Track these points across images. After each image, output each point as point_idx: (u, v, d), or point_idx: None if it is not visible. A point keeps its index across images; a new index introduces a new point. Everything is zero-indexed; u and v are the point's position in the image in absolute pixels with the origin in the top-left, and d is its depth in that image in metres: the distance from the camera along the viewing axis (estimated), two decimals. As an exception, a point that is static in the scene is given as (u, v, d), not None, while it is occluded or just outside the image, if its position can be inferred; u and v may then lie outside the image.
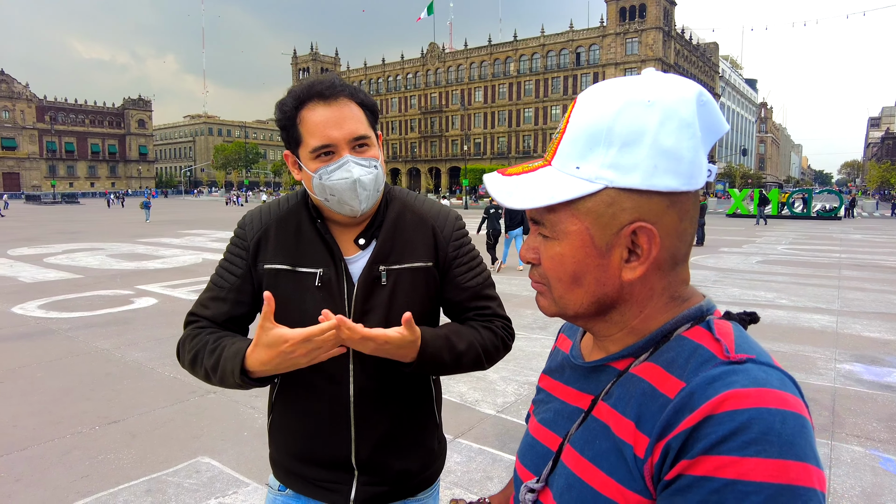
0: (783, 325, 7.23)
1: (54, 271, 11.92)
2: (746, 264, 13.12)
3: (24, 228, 25.09)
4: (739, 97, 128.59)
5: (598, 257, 0.66)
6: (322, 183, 1.21)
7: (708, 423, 0.56)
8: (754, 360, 0.60)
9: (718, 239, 19.40)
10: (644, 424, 0.62)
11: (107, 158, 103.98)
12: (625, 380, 0.68)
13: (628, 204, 0.64)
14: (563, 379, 0.80)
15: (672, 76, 0.66)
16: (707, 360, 0.61)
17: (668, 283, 0.69)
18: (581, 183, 0.65)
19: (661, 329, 0.68)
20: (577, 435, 0.71)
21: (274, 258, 1.29)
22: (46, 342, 6.48)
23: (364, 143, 1.24)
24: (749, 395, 0.56)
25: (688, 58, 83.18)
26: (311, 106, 1.20)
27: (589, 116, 0.65)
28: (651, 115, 0.62)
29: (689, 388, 0.59)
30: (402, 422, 1.33)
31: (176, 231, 23.17)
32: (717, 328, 0.65)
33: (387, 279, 1.28)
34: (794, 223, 28.85)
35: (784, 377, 0.60)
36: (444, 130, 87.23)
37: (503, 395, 4.80)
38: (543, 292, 0.73)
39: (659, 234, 0.64)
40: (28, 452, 3.78)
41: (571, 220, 0.66)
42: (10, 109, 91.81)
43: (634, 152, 0.63)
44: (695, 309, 0.69)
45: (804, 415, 0.57)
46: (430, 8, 78.72)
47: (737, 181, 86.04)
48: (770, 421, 0.54)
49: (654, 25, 69.84)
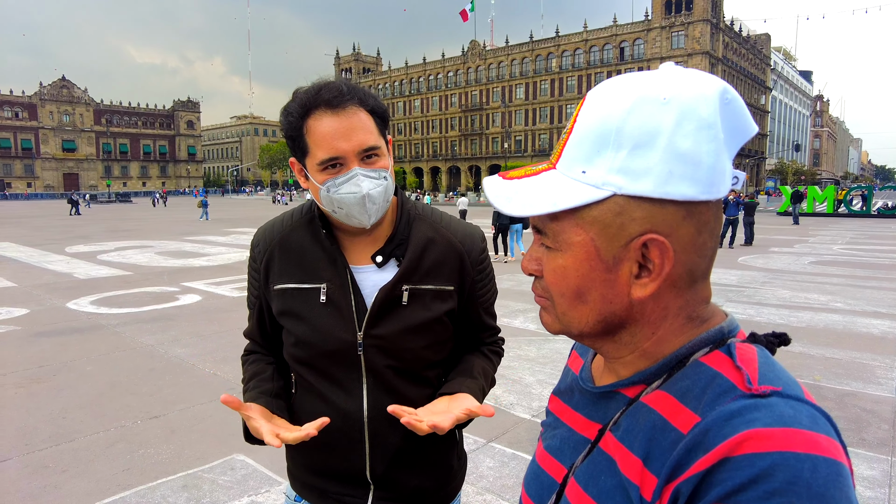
0: (838, 331, 6.86)
1: (106, 268, 12.42)
2: (798, 265, 12.56)
3: (82, 226, 26.28)
4: (793, 90, 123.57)
5: (604, 272, 0.60)
6: (330, 196, 1.17)
7: (724, 466, 0.49)
8: (780, 393, 0.52)
9: (768, 238, 18.66)
10: (653, 462, 0.56)
11: (157, 159, 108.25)
12: (634, 409, 0.61)
13: (639, 213, 0.57)
14: (571, 403, 0.75)
15: (693, 71, 0.59)
16: (726, 391, 0.54)
17: (684, 302, 0.61)
18: (586, 189, 0.58)
19: (675, 353, 0.61)
20: (582, 468, 0.65)
21: (281, 278, 1.27)
22: (96, 337, 6.74)
23: (374, 154, 1.18)
24: (773, 435, 0.48)
25: (737, 50, 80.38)
26: (317, 115, 1.14)
27: (597, 115, 0.58)
28: (666, 114, 0.55)
29: (705, 424, 0.52)
30: (417, 438, 1.28)
31: (222, 229, 23.84)
32: (740, 353, 0.58)
33: (407, 299, 1.24)
34: (852, 221, 27.50)
35: (816, 414, 0.52)
36: (485, 128, 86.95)
37: (539, 398, 4.71)
38: (546, 307, 0.67)
39: (673, 248, 0.57)
40: (75, 444, 3.92)
41: (575, 229, 0.60)
42: (71, 113, 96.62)
43: (646, 156, 0.56)
44: (715, 331, 0.61)
45: (840, 460, 0.49)
46: (473, 4, 78.56)
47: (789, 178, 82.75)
48: (797, 468, 0.47)
49: (702, 18, 67.81)
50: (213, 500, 3.22)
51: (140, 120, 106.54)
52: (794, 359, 5.70)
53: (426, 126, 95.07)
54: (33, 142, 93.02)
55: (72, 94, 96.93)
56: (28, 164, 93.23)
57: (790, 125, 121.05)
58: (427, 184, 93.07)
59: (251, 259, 1.35)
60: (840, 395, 4.75)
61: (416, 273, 1.25)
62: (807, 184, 50.95)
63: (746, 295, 9.07)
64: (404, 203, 1.31)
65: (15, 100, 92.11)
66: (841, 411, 4.43)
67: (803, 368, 5.43)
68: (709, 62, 68.64)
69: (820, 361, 5.66)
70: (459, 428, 1.39)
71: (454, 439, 1.38)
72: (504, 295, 8.65)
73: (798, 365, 5.53)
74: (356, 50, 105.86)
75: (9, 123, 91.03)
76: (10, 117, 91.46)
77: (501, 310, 7.71)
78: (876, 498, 3.24)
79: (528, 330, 6.86)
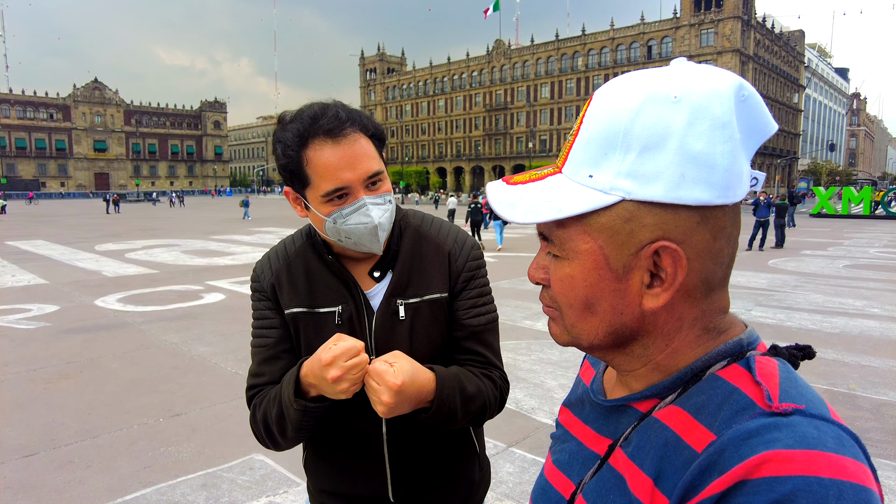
0: (875, 337, 6.62)
1: (133, 266, 12.68)
2: (832, 268, 12.20)
3: (111, 225, 26.94)
4: (828, 88, 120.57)
5: (613, 281, 0.56)
6: (336, 227, 1.12)
7: (741, 490, 0.45)
8: (803, 412, 0.49)
9: (800, 241, 18.19)
10: (664, 482, 0.52)
11: (185, 158, 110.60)
12: (646, 425, 0.58)
13: (649, 220, 0.53)
14: (582, 416, 0.71)
15: (706, 67, 0.54)
16: (744, 408, 0.51)
17: (700, 313, 0.57)
18: (594, 194, 0.55)
19: (690, 367, 0.57)
20: (590, 485, 0.62)
21: (291, 302, 1.22)
22: (122, 334, 6.86)
23: (378, 180, 1.14)
24: (794, 458, 0.45)
25: (769, 48, 78.67)
26: (317, 144, 1.08)
27: (604, 116, 0.54)
28: (677, 113, 0.51)
29: (720, 443, 0.49)
30: (438, 456, 1.26)
31: (247, 228, 24.18)
32: (759, 368, 0.54)
33: (405, 313, 1.20)
34: (891, 224, 26.65)
35: (843, 434, 0.48)
36: (509, 128, 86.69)
37: (560, 403, 4.62)
38: (555, 318, 0.63)
39: (686, 256, 0.53)
40: (99, 440, 3.98)
41: (583, 237, 0.56)
42: (102, 114, 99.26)
43: (657, 158, 0.52)
44: (733, 343, 0.57)
45: (870, 486, 0.44)
46: (497, 4, 78.32)
47: (822, 178, 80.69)
48: (821, 494, 0.43)
49: (732, 14, 66.57)
50: (232, 500, 3.23)
51: (168, 120, 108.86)
52: (827, 366, 5.51)
53: (450, 126, 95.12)
54: (67, 142, 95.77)
55: (103, 96, 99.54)
56: (62, 164, 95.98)
57: (825, 124, 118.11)
58: (451, 184, 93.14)
59: (255, 292, 1.26)
60: (877, 405, 4.57)
61: (408, 285, 1.21)
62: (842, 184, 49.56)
63: (777, 299, 8.82)
64: (402, 217, 1.28)
65: (50, 101, 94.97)
66: (878, 422, 4.26)
67: (837, 377, 5.24)
68: (739, 60, 67.33)
69: (855, 370, 5.46)
70: (479, 439, 1.36)
71: (475, 452, 1.33)
72: (527, 297, 8.59)
73: (832, 373, 5.34)
74: (381, 50, 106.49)
75: (44, 125, 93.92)
76: (46, 119, 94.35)
77: (523, 312, 7.69)
78: (914, 514, 3.09)
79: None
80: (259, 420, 1.17)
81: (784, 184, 74.65)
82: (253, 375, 1.24)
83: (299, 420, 1.09)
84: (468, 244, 1.27)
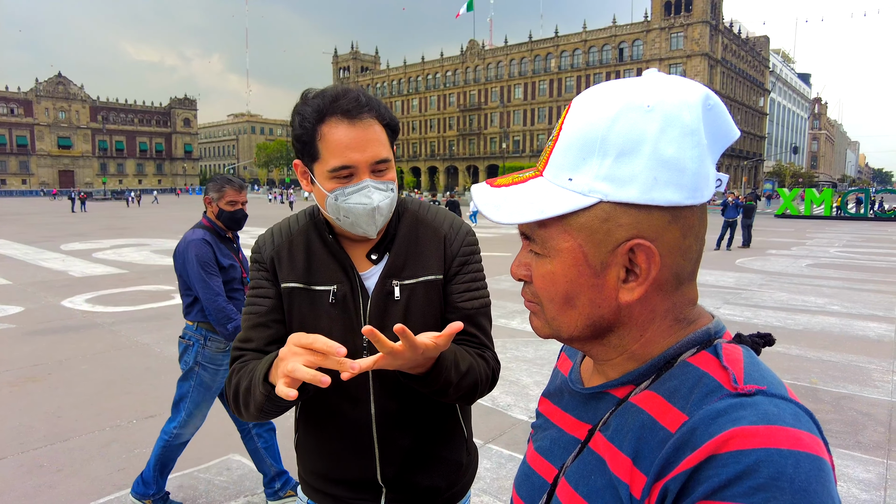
0: (835, 334, 6.88)
1: (102, 266, 12.39)
2: (795, 267, 12.60)
3: (77, 224, 26.20)
4: (791, 93, 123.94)
5: (592, 277, 0.61)
6: (337, 204, 1.17)
7: (711, 463, 0.50)
8: (765, 392, 0.54)
9: (766, 241, 18.72)
10: (642, 461, 0.57)
11: (154, 156, 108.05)
12: (623, 410, 0.63)
13: (625, 219, 0.58)
14: (561, 404, 0.76)
15: (676, 78, 0.60)
16: (712, 390, 0.56)
17: (671, 305, 0.63)
18: (573, 196, 0.59)
19: (663, 354, 0.62)
20: (572, 468, 0.66)
21: (288, 277, 1.26)
22: (92, 335, 6.72)
23: (384, 167, 1.19)
24: (758, 433, 0.50)
25: (736, 52, 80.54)
26: (333, 122, 1.14)
27: (583, 123, 0.59)
28: (650, 121, 0.56)
29: (692, 423, 0.54)
30: (426, 439, 1.29)
31: (219, 227, 23.74)
32: (726, 354, 0.59)
33: (400, 294, 1.24)
34: (849, 224, 27.59)
35: (799, 411, 0.54)
36: (483, 128, 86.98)
37: (536, 400, 4.70)
38: (536, 312, 0.68)
39: (659, 252, 0.59)
40: (70, 444, 3.90)
41: (563, 236, 0.61)
42: (67, 110, 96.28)
43: (632, 163, 0.57)
44: (702, 332, 0.63)
45: (822, 456, 0.50)
46: (470, 4, 78.47)
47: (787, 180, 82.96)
48: (781, 464, 0.48)
49: (701, 19, 67.91)
50: (210, 500, 3.21)
51: (136, 117, 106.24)
52: (791, 362, 5.72)
53: (424, 125, 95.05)
54: (29, 138, 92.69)
55: (68, 91, 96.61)
56: (23, 161, 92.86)
57: (788, 127, 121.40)
58: (424, 183, 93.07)
59: (255, 262, 1.31)
60: (836, 399, 4.76)
61: (404, 267, 1.25)
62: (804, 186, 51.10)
63: (744, 297, 9.09)
64: (401, 203, 1.33)
65: (10, 96, 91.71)
66: (837, 414, 4.44)
67: (800, 371, 5.44)
68: (708, 64, 68.77)
69: (817, 364, 5.67)
70: (468, 424, 1.40)
71: (462, 437, 1.38)
72: (502, 296, 8.66)
73: (795, 368, 5.54)
74: (354, 48, 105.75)
75: (4, 120, 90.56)
76: (6, 114, 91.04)
77: (498, 310, 7.76)
78: (871, 500, 3.25)
79: (526, 331, 6.84)
80: (232, 386, 1.20)
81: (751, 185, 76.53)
82: (241, 340, 1.28)
83: (262, 403, 1.10)
84: (463, 230, 1.32)
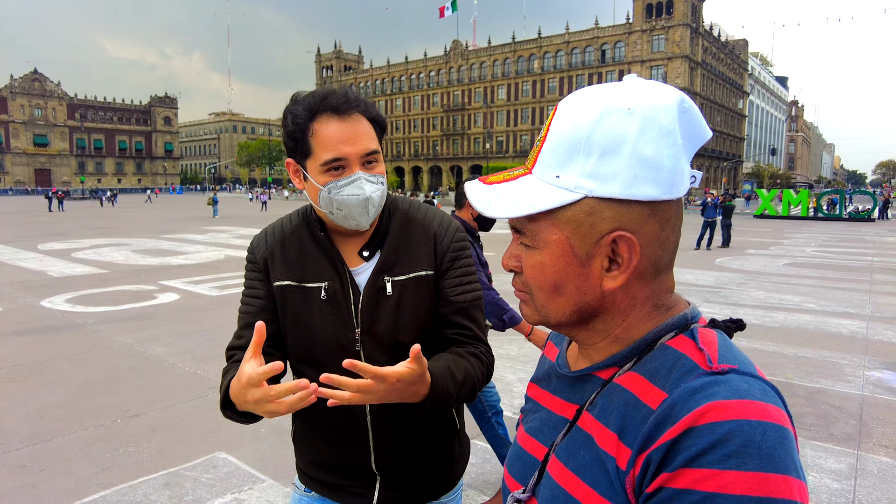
0: (810, 331, 7.06)
1: (81, 266, 12.21)
2: (773, 267, 12.86)
3: (55, 223, 25.75)
4: (769, 95, 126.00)
5: (578, 266, 0.66)
6: (330, 197, 1.22)
7: (688, 435, 0.55)
8: (737, 371, 0.60)
9: (745, 241, 19.04)
10: (626, 436, 0.62)
11: (133, 155, 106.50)
12: (608, 390, 0.68)
13: (608, 213, 0.64)
14: (549, 388, 0.81)
15: (654, 83, 0.65)
16: (690, 370, 0.61)
17: (651, 292, 0.68)
18: (561, 192, 0.65)
19: (644, 338, 0.68)
20: (562, 446, 0.71)
21: (281, 275, 1.31)
22: (73, 336, 6.65)
23: (374, 160, 1.25)
24: (730, 406, 0.55)
25: (716, 55, 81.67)
26: (323, 119, 1.20)
27: (568, 124, 0.64)
28: (630, 123, 0.62)
29: (671, 400, 0.59)
30: (419, 429, 1.34)
31: (200, 227, 23.55)
32: (702, 337, 0.65)
33: (392, 290, 1.28)
34: (825, 225, 28.17)
35: (766, 387, 0.59)
36: (467, 128, 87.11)
37: (520, 396, 4.77)
38: (526, 301, 0.73)
39: (639, 243, 0.64)
40: (52, 444, 3.88)
41: (551, 229, 0.66)
42: (43, 107, 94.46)
43: (614, 161, 0.62)
44: (679, 317, 0.68)
45: (786, 426, 0.56)
46: (454, 4, 78.53)
47: (765, 181, 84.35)
48: (750, 433, 0.54)
49: (682, 22, 68.75)
50: (196, 498, 3.22)
51: (115, 115, 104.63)
52: (768, 358, 5.86)
53: (408, 125, 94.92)
54: (3, 136, 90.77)
55: (44, 88, 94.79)
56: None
57: (767, 129, 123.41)
58: (408, 183, 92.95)
59: (248, 262, 1.37)
60: (810, 393, 4.90)
61: (395, 263, 1.30)
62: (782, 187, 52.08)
63: (723, 296, 9.27)
64: (392, 201, 1.37)
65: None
66: (811, 408, 4.57)
67: (776, 367, 5.58)
68: (688, 66, 69.66)
69: (792, 360, 5.83)
70: (460, 416, 1.45)
71: (455, 427, 1.43)
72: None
73: (772, 364, 5.68)
74: (338, 48, 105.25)
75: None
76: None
77: (483, 309, 7.80)
78: (842, 489, 3.36)
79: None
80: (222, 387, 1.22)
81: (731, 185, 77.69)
82: (235, 337, 1.34)
83: (232, 417, 1.18)
84: (452, 227, 1.37)
